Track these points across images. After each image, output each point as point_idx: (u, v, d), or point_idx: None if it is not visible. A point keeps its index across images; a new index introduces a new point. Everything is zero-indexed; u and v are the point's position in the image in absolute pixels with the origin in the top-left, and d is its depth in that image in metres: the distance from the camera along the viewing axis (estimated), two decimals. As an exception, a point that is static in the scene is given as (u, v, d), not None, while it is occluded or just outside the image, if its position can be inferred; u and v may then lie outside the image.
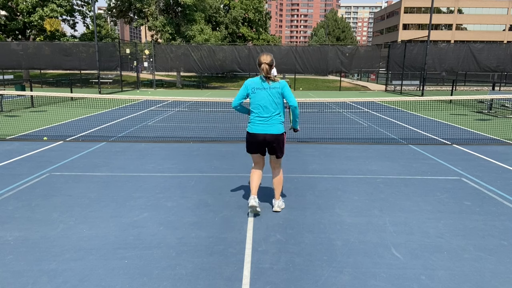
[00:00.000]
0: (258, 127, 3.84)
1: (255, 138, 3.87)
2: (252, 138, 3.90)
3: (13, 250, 3.21)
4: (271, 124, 3.82)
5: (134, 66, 27.50)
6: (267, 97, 3.79)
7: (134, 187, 4.88)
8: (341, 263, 3.05)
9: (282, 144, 3.94)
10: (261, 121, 3.82)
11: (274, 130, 3.82)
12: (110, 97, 10.45)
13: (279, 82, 3.82)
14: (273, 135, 3.83)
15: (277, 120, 3.84)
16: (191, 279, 2.81)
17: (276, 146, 3.91)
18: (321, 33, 76.13)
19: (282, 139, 3.90)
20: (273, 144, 3.88)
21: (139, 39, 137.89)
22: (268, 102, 3.80)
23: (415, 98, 8.72)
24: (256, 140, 3.88)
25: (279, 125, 3.85)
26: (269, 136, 3.82)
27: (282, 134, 3.88)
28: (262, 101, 3.80)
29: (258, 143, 3.89)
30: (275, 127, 3.83)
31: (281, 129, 3.87)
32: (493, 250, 3.27)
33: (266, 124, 3.81)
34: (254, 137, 3.87)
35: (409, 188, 4.94)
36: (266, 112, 3.80)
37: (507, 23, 65.61)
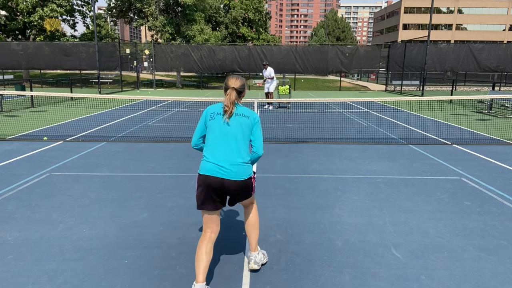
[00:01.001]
0: (213, 168, 2.63)
1: (209, 182, 2.63)
2: (204, 182, 2.65)
3: (13, 250, 3.22)
4: (235, 164, 2.65)
5: (134, 66, 27.50)
6: (231, 125, 2.69)
7: (134, 187, 4.88)
8: (341, 263, 3.06)
9: (249, 190, 2.77)
10: (218, 160, 2.64)
11: (236, 174, 2.64)
12: (110, 97, 10.45)
13: (251, 112, 2.80)
14: (237, 182, 2.65)
15: (245, 158, 2.71)
16: (191, 279, 2.81)
17: (239, 196, 2.76)
18: (321, 33, 76.15)
19: (249, 184, 2.74)
20: (234, 193, 2.72)
21: (139, 39, 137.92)
22: (230, 133, 2.68)
23: (415, 98, 8.72)
24: (209, 185, 2.63)
25: (244, 166, 2.68)
26: (228, 182, 2.63)
27: (249, 178, 2.72)
28: (223, 131, 2.68)
29: (212, 190, 2.64)
30: (238, 170, 2.65)
31: (247, 172, 2.70)
32: (493, 250, 3.27)
33: (225, 164, 2.63)
34: (208, 180, 2.63)
35: (409, 188, 4.95)
36: (227, 147, 2.66)
37: (507, 23, 65.61)
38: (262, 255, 3.02)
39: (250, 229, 2.96)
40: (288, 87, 15.00)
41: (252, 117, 2.79)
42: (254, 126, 2.79)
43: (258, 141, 2.81)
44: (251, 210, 2.97)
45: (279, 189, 4.87)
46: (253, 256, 2.94)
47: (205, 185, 2.65)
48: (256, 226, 2.96)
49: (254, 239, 2.95)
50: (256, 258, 2.94)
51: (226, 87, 2.79)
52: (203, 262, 2.60)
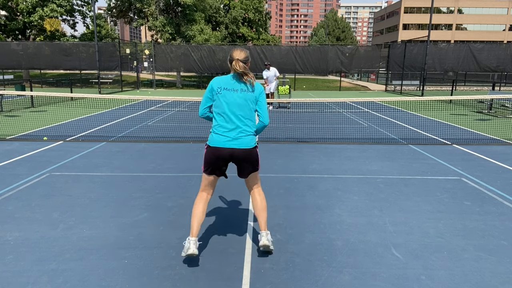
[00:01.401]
0: (223, 139, 2.94)
1: (218, 154, 2.95)
2: (213, 153, 2.97)
3: (13, 250, 3.22)
4: (240, 135, 2.94)
5: (134, 66, 27.50)
6: (238, 100, 2.94)
7: (134, 187, 4.88)
8: (341, 263, 3.06)
9: (256, 160, 3.08)
10: (227, 132, 2.94)
11: (244, 143, 2.95)
12: (110, 97, 10.45)
13: (256, 86, 3.04)
14: (244, 150, 2.95)
15: (249, 129, 2.99)
16: (191, 279, 2.81)
17: (247, 164, 3.04)
18: (321, 33, 76.15)
19: (255, 153, 3.05)
20: (243, 162, 3.01)
21: (139, 39, 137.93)
22: (237, 108, 2.94)
23: (415, 98, 8.72)
24: (218, 156, 2.96)
25: (250, 137, 2.99)
26: (238, 151, 2.94)
27: (254, 147, 3.04)
28: (230, 105, 2.93)
29: (221, 160, 2.98)
30: (245, 140, 2.95)
31: (252, 141, 3.01)
32: (493, 250, 3.27)
33: (234, 134, 2.94)
34: (217, 152, 2.95)
35: (409, 188, 4.95)
36: (235, 120, 2.94)
37: (507, 23, 65.62)
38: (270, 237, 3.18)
39: (259, 213, 3.15)
40: (288, 87, 15.00)
41: (257, 90, 3.02)
42: (259, 97, 3.02)
43: (264, 111, 3.06)
44: (257, 192, 3.19)
45: (279, 189, 4.87)
46: (265, 233, 3.12)
47: (214, 155, 2.96)
48: (264, 208, 3.17)
49: (263, 219, 3.15)
50: (268, 236, 3.12)
51: (231, 59, 2.96)
52: (198, 219, 3.00)
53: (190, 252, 2.89)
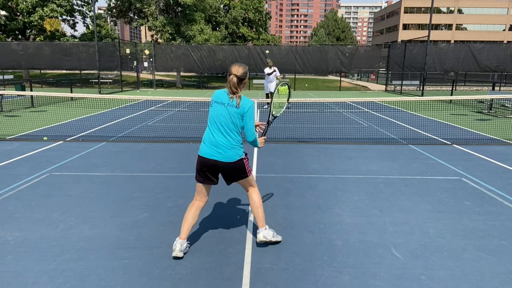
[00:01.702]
0: (208, 150, 3.09)
1: (204, 163, 3.12)
2: (200, 162, 3.14)
3: (13, 250, 3.22)
4: (225, 147, 3.07)
5: (134, 66, 27.50)
6: (225, 115, 3.06)
7: (134, 187, 4.88)
8: (341, 263, 3.06)
9: (242, 171, 3.19)
10: (213, 143, 3.08)
11: (227, 157, 3.08)
12: (110, 97, 10.45)
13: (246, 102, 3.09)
14: (228, 164, 3.10)
15: (234, 143, 3.09)
16: (191, 279, 2.81)
17: (232, 174, 3.21)
18: (321, 33, 76.15)
19: (239, 165, 3.15)
20: (228, 172, 3.19)
21: (139, 39, 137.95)
22: (224, 122, 3.06)
23: (415, 98, 8.72)
24: (204, 166, 3.12)
25: (234, 150, 3.10)
26: (222, 164, 3.10)
27: (239, 160, 3.13)
28: (218, 118, 3.07)
29: (208, 169, 3.14)
30: (229, 153, 3.08)
31: (236, 154, 3.11)
32: (493, 250, 3.27)
33: (219, 147, 3.07)
34: (203, 161, 3.12)
35: (409, 188, 4.95)
36: (220, 133, 3.07)
37: (507, 23, 65.62)
38: (269, 230, 3.33)
39: (255, 211, 3.32)
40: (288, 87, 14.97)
41: (242, 107, 3.07)
42: (245, 114, 3.09)
43: (249, 127, 3.14)
44: (253, 194, 3.32)
45: (279, 189, 4.87)
46: (261, 230, 3.30)
47: (202, 164, 3.15)
48: (260, 207, 3.30)
49: (259, 217, 3.31)
50: (263, 232, 3.29)
51: (229, 73, 3.09)
52: (188, 223, 3.17)
53: (174, 255, 3.08)
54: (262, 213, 3.30)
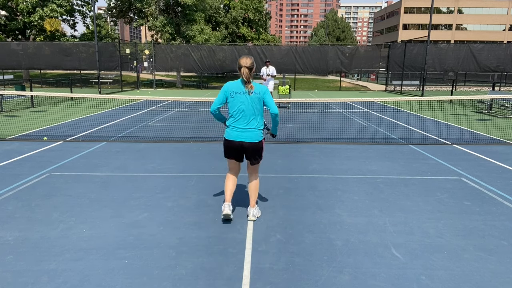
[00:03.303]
0: (235, 134, 3.69)
1: (232, 145, 3.73)
2: (228, 144, 3.76)
3: (13, 250, 3.22)
4: (248, 131, 3.67)
5: (134, 66, 27.49)
6: (246, 102, 3.62)
7: (134, 187, 4.88)
8: (341, 263, 3.06)
9: (260, 152, 3.81)
10: (239, 128, 3.68)
11: (251, 137, 3.67)
12: (110, 97, 10.45)
13: (260, 87, 3.67)
14: (251, 143, 3.69)
15: (255, 127, 3.69)
16: (191, 279, 2.81)
17: (253, 154, 3.77)
18: (321, 33, 76.14)
19: (260, 146, 3.77)
20: (250, 151, 3.75)
21: (139, 39, 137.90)
22: (246, 108, 3.63)
23: (415, 98, 8.72)
24: (232, 147, 3.75)
25: (257, 131, 3.70)
26: (246, 144, 3.69)
27: (260, 141, 3.74)
28: (241, 106, 3.63)
29: (234, 150, 3.76)
30: (252, 135, 3.68)
31: (259, 136, 3.72)
32: (493, 250, 3.27)
33: (244, 130, 3.67)
34: (231, 143, 3.73)
35: (409, 188, 4.95)
36: (244, 118, 3.66)
37: (507, 23, 65.61)
38: (257, 210, 3.97)
39: (251, 191, 3.92)
40: (288, 87, 15.00)
41: (262, 92, 3.66)
42: (264, 95, 3.66)
43: (271, 104, 3.68)
44: (254, 178, 3.92)
45: (279, 189, 4.87)
46: (252, 210, 3.90)
47: (229, 146, 3.76)
48: (256, 190, 3.91)
49: (253, 198, 3.93)
50: (253, 212, 3.88)
51: (239, 66, 3.60)
52: (230, 188, 3.86)
53: (225, 213, 3.71)
54: (256, 195, 3.93)
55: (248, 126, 3.66)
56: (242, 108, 3.62)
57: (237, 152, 3.76)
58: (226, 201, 3.80)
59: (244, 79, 3.58)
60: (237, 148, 3.72)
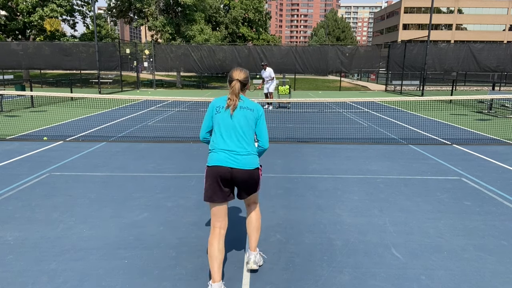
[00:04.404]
0: (221, 157, 2.65)
1: (218, 173, 2.63)
2: (213, 172, 2.65)
3: (13, 250, 3.22)
4: (240, 155, 2.66)
5: (134, 66, 27.49)
6: (242, 118, 2.71)
7: (134, 187, 4.88)
8: (341, 263, 3.06)
9: (257, 183, 2.79)
10: (226, 151, 2.66)
11: (245, 163, 2.66)
12: (110, 97, 10.45)
13: (255, 105, 2.81)
14: (245, 171, 2.66)
15: (252, 149, 2.73)
16: (191, 279, 2.81)
17: (247, 187, 2.75)
18: (321, 33, 76.14)
19: (257, 175, 2.75)
20: (242, 183, 2.70)
21: (139, 39, 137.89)
22: (243, 124, 2.70)
23: (415, 98, 8.72)
24: (219, 176, 2.63)
25: (252, 156, 2.71)
26: (238, 172, 2.64)
27: (257, 168, 2.74)
28: (229, 123, 2.69)
29: (222, 180, 2.64)
30: (246, 160, 2.67)
31: (255, 162, 2.73)
32: (493, 250, 3.27)
33: (233, 154, 2.65)
34: (216, 171, 2.63)
35: (409, 188, 4.95)
36: (234, 138, 2.68)
37: (507, 23, 65.60)
38: (260, 257, 3.01)
39: (251, 230, 2.93)
40: (288, 87, 15.00)
41: (256, 110, 2.78)
42: (259, 119, 2.79)
43: (263, 134, 2.82)
44: (254, 210, 2.96)
45: (279, 189, 4.87)
46: (253, 255, 2.92)
47: (214, 175, 2.64)
48: (258, 228, 2.95)
49: (255, 239, 2.93)
50: (255, 258, 2.92)
51: (231, 79, 2.77)
52: (218, 260, 2.58)
53: None
54: (258, 235, 2.96)
55: (239, 148, 2.67)
56: (231, 126, 2.69)
57: (225, 183, 2.66)
58: (214, 280, 2.56)
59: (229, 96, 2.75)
60: (225, 177, 2.63)
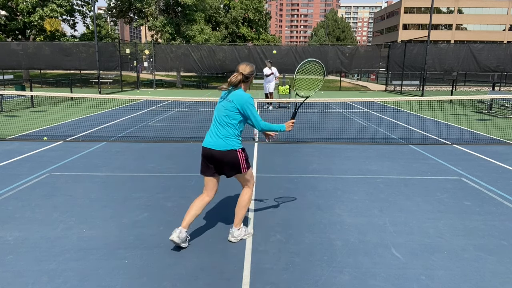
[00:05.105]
0: (206, 139, 3.28)
1: (203, 152, 3.27)
2: (202, 152, 3.29)
3: (13, 250, 3.22)
4: (218, 137, 3.19)
5: (134, 66, 27.50)
6: (222, 108, 3.23)
7: (134, 187, 4.88)
8: (341, 263, 3.06)
9: (236, 164, 3.22)
10: (211, 133, 3.26)
11: (219, 145, 3.17)
12: (110, 97, 10.45)
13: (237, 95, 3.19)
14: (219, 152, 3.16)
15: (226, 134, 3.19)
16: (191, 279, 2.81)
17: (223, 166, 3.23)
18: (321, 33, 76.15)
19: (233, 157, 3.19)
20: (219, 162, 3.22)
21: (139, 39, 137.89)
22: (221, 114, 3.22)
23: (415, 98, 8.72)
24: (204, 155, 3.27)
25: (227, 140, 3.18)
26: (215, 152, 3.18)
27: (231, 151, 3.17)
28: (217, 112, 3.27)
29: (206, 159, 3.26)
30: (221, 142, 3.17)
31: (229, 144, 3.18)
32: (493, 250, 3.27)
33: (214, 136, 3.22)
34: (203, 150, 3.27)
35: (409, 188, 4.94)
36: (217, 124, 3.23)
37: (507, 23, 65.61)
38: (240, 232, 3.42)
39: (237, 208, 3.41)
40: (288, 87, 15.00)
41: (236, 101, 3.18)
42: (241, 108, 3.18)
43: (251, 119, 3.26)
44: (245, 193, 3.41)
45: (279, 189, 4.87)
46: (233, 230, 3.42)
47: (202, 154, 3.31)
48: (241, 206, 3.38)
49: (238, 217, 3.41)
50: (234, 233, 3.40)
51: (236, 70, 3.25)
52: (190, 214, 3.25)
53: (170, 238, 3.16)
54: (242, 215, 3.40)
55: (216, 132, 3.22)
56: (218, 114, 3.27)
57: (209, 161, 3.25)
58: (182, 225, 3.20)
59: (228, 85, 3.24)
60: (207, 155, 3.24)
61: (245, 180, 3.37)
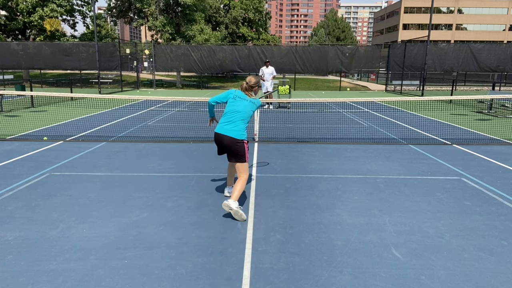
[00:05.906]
0: (221, 128, 4.02)
1: (216, 138, 4.06)
2: (215, 137, 4.08)
3: (13, 250, 3.22)
4: (232, 128, 3.96)
5: (134, 66, 27.49)
6: (245, 106, 4.05)
7: (134, 187, 4.88)
8: (341, 263, 3.06)
9: (241, 152, 3.95)
10: (226, 124, 4.00)
11: (232, 132, 3.94)
12: (110, 97, 10.45)
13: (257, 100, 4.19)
14: (232, 139, 3.92)
15: (240, 127, 3.97)
16: (191, 279, 2.81)
17: (231, 151, 3.98)
18: (321, 33, 76.13)
19: (240, 146, 3.94)
20: (228, 147, 3.98)
21: (139, 39, 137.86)
22: (243, 109, 4.03)
23: (415, 98, 8.72)
24: (216, 140, 4.07)
25: (239, 132, 3.96)
26: (227, 138, 3.94)
27: (241, 140, 3.94)
28: (239, 107, 4.02)
29: (218, 144, 4.09)
30: (235, 132, 3.94)
31: (240, 135, 3.96)
32: (493, 250, 3.27)
33: (229, 126, 3.97)
34: (216, 137, 4.05)
35: (409, 188, 4.95)
36: (235, 117, 3.99)
37: (507, 23, 65.60)
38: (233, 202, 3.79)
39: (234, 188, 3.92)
40: (288, 87, 15.00)
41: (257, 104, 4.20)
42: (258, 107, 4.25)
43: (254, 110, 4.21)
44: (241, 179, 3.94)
45: (279, 189, 4.87)
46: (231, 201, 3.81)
47: (215, 139, 4.09)
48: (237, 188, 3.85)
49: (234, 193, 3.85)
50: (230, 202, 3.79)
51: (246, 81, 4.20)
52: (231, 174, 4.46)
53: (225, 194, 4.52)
54: (239, 192, 3.87)
55: (234, 123, 3.97)
56: (239, 109, 4.02)
57: (221, 146, 4.06)
58: (228, 184, 4.46)
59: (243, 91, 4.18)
60: (219, 141, 4.03)
61: (242, 168, 3.97)
